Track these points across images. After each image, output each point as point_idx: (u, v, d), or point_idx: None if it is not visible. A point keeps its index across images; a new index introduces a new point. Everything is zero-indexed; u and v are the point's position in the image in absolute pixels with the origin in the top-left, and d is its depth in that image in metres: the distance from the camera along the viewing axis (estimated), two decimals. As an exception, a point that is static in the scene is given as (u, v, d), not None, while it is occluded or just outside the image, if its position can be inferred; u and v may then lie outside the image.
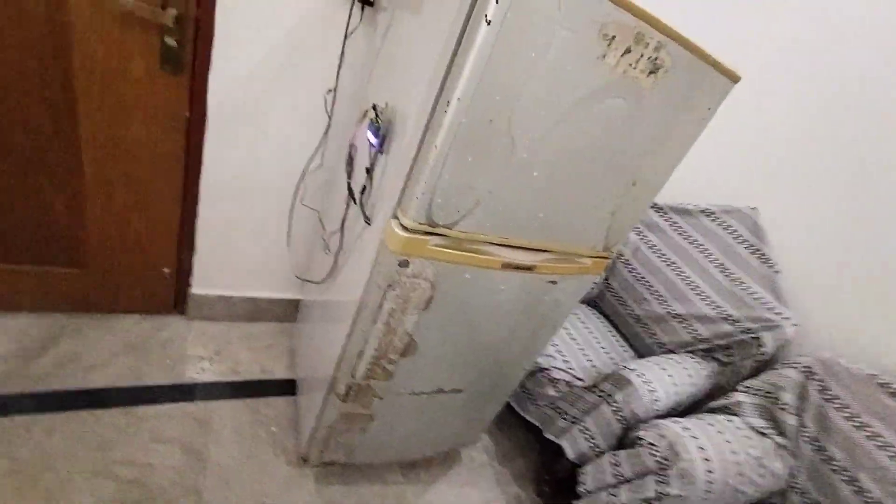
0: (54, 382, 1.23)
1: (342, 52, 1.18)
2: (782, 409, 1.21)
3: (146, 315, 1.53)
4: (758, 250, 1.51)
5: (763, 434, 1.20)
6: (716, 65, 0.85)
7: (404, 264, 0.85)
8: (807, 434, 1.17)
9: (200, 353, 1.50)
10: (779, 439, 1.19)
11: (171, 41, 1.07)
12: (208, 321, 1.61)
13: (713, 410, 1.33)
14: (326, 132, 1.28)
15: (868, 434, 1.08)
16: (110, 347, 1.38)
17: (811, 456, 1.16)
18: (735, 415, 1.26)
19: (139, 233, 1.35)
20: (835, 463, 1.11)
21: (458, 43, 0.68)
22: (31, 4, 0.96)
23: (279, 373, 1.55)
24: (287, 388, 1.50)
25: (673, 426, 1.15)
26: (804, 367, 1.22)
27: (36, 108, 1.08)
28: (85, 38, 1.02)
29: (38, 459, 1.06)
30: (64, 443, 1.11)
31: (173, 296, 1.54)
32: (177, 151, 1.25)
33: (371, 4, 1.14)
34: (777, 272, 1.45)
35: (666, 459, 1.10)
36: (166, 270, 1.46)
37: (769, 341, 1.36)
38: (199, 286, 1.53)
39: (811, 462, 1.16)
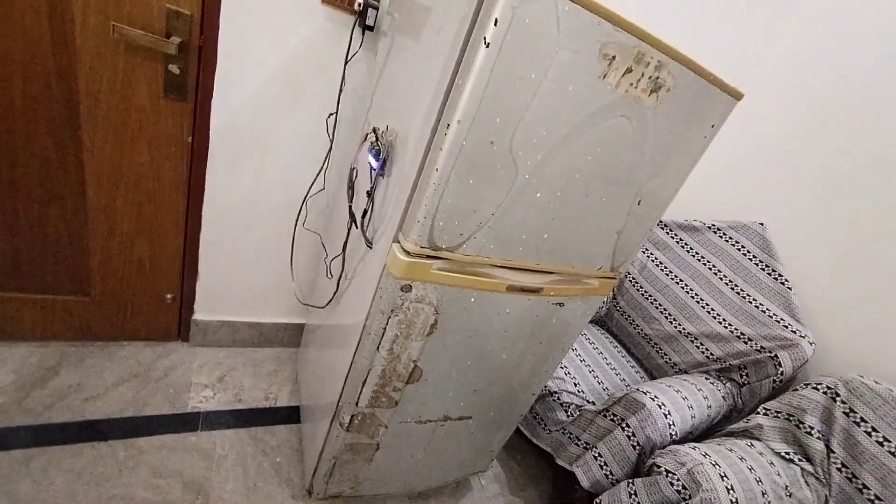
0: (54, 414, 1.21)
1: (343, 77, 1.18)
2: (807, 433, 1.15)
3: (149, 342, 1.51)
4: (768, 266, 1.48)
5: (788, 460, 1.14)
6: (718, 83, 0.84)
7: (407, 289, 0.83)
8: (836, 460, 1.11)
9: (203, 380, 1.47)
10: (806, 466, 1.13)
11: (174, 68, 1.09)
12: (212, 347, 1.59)
13: (732, 434, 1.27)
14: (328, 156, 1.28)
15: (901, 460, 1.02)
16: (111, 376, 1.36)
17: (842, 484, 1.09)
18: (756, 439, 1.20)
19: (142, 259, 1.35)
20: (868, 492, 1.05)
21: (458, 65, 0.68)
22: (37, 33, 0.98)
23: (283, 400, 1.52)
24: (292, 415, 1.47)
25: (691, 452, 1.10)
26: (827, 387, 1.17)
27: (41, 136, 1.09)
28: (89, 66, 1.04)
29: (37, 495, 1.03)
30: (63, 478, 1.08)
31: (176, 322, 1.52)
32: (180, 177, 1.25)
33: (371, 29, 1.16)
34: (790, 288, 1.41)
35: (686, 489, 1.04)
36: (169, 297, 1.45)
37: (787, 361, 1.31)
38: (203, 312, 1.52)
39: (842, 490, 1.09)
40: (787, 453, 1.15)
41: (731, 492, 1.01)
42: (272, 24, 1.12)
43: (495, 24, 0.62)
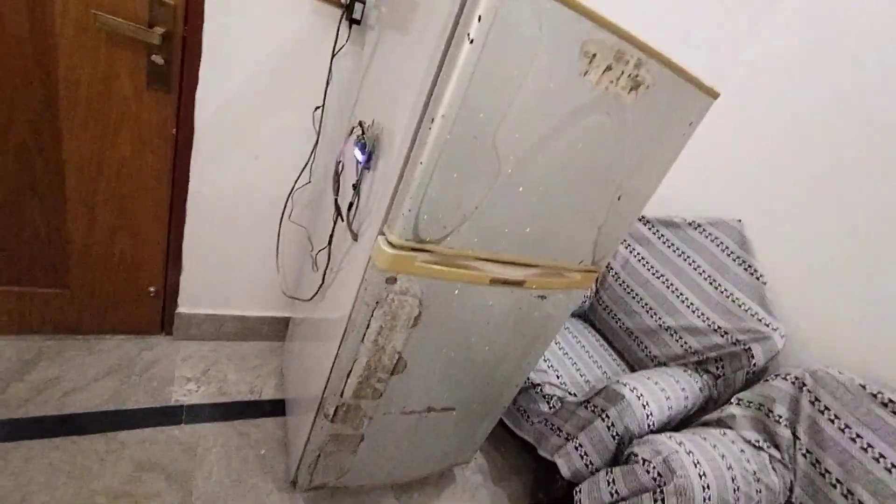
0: (32, 408, 1.19)
1: (330, 70, 1.19)
2: (776, 421, 1.20)
3: (131, 336, 1.49)
4: (744, 262, 1.53)
5: (758, 447, 1.18)
6: (695, 81, 0.86)
7: (392, 281, 0.84)
8: (801, 446, 1.17)
9: (187, 374, 1.46)
10: (774, 452, 1.18)
11: (158, 59, 1.08)
12: (195, 341, 1.58)
13: (707, 424, 1.31)
14: (315, 149, 1.28)
15: (862, 446, 1.08)
16: (92, 370, 1.34)
17: (806, 469, 1.15)
18: (729, 428, 1.25)
19: (124, 252, 1.33)
20: (830, 476, 1.10)
21: (442, 61, 0.69)
22: (14, 22, 0.96)
23: (268, 393, 1.52)
24: (276, 408, 1.47)
25: (667, 441, 1.13)
26: (795, 378, 1.22)
27: (18, 124, 1.07)
28: (69, 56, 1.02)
29: (16, 490, 1.02)
30: (42, 472, 1.07)
31: (159, 315, 1.51)
32: (163, 169, 1.24)
33: (358, 23, 1.16)
34: (764, 283, 1.46)
35: (661, 476, 1.08)
36: (152, 289, 1.44)
37: (759, 353, 1.36)
38: (186, 305, 1.51)
39: (806, 475, 1.15)
40: (757, 441, 1.20)
41: (703, 478, 1.05)
42: (258, 15, 1.11)
43: (479, 21, 0.63)
